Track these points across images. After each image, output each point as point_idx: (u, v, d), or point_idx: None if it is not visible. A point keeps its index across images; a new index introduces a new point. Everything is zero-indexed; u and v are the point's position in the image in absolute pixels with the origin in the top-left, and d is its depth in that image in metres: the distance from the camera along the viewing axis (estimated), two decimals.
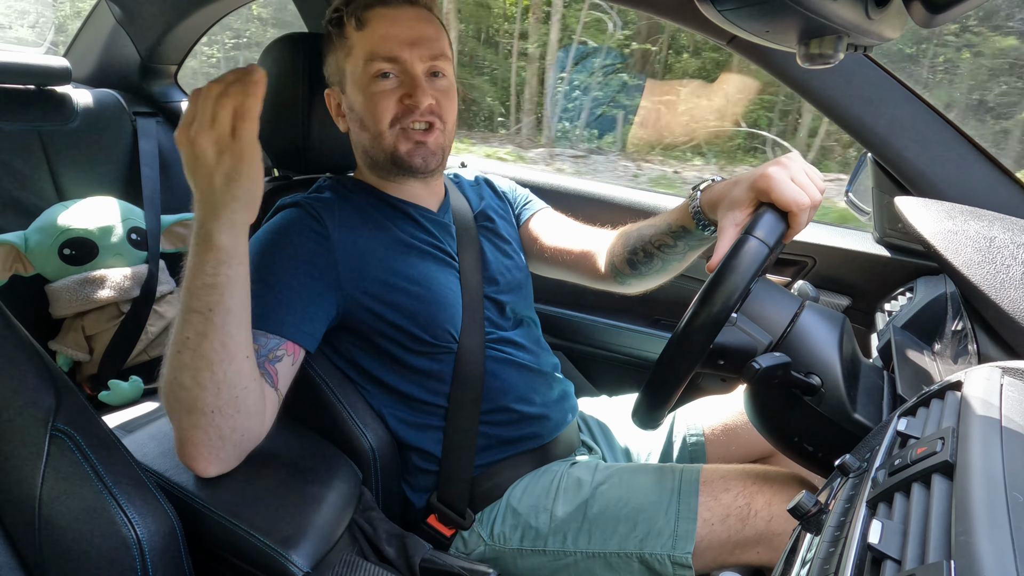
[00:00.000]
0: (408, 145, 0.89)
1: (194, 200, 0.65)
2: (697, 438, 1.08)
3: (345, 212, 0.90)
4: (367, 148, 0.92)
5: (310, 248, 0.84)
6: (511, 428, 0.95)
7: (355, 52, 0.88)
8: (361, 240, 0.88)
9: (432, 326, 0.90)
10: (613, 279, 1.02)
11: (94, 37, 1.78)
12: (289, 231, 0.85)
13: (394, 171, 0.92)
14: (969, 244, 0.79)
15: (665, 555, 0.83)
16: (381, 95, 0.87)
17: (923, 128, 1.05)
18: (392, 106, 0.87)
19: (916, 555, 0.35)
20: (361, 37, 0.87)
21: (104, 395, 1.38)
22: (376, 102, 0.87)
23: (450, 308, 0.91)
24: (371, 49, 0.86)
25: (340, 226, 0.87)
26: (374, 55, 0.86)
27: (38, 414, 0.63)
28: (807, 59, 0.65)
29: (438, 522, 0.92)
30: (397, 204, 0.95)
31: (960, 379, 0.50)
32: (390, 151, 0.89)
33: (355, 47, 0.88)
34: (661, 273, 0.98)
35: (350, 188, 0.95)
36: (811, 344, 0.76)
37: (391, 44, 0.86)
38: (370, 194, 0.95)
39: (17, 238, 1.37)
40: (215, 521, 0.74)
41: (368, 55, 0.86)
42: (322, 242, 0.85)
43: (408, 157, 0.89)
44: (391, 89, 0.87)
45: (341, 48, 0.90)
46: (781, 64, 1.06)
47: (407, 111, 0.87)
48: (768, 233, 0.71)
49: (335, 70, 0.92)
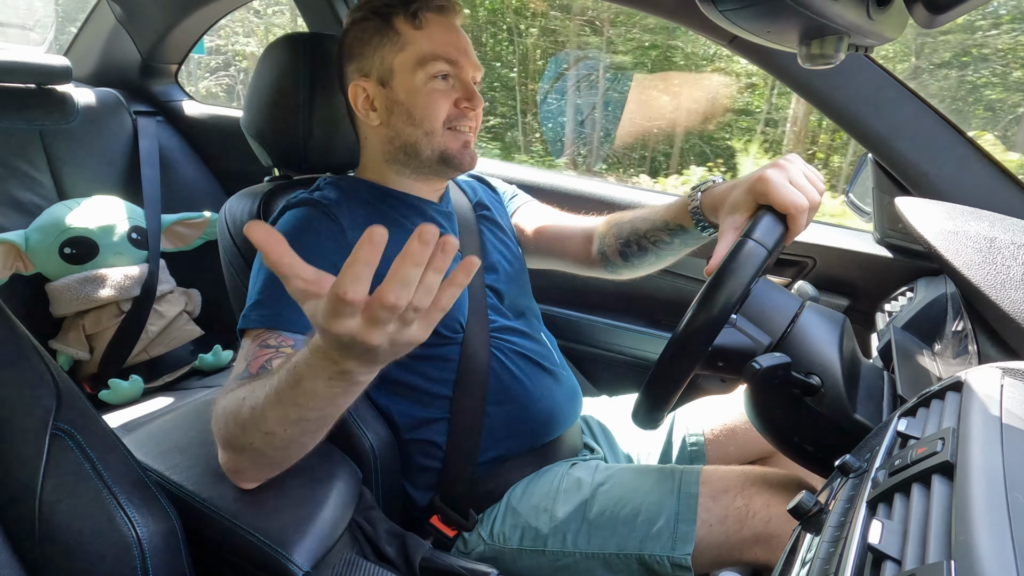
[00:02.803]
0: (458, 145, 0.92)
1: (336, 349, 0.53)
2: (697, 438, 1.08)
3: (354, 210, 0.90)
4: (412, 143, 0.92)
5: (331, 247, 0.85)
6: (516, 421, 0.95)
7: (410, 49, 0.89)
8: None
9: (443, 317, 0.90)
10: (603, 267, 1.04)
11: (95, 36, 1.78)
12: (308, 232, 0.85)
13: (436, 167, 0.94)
14: (969, 245, 0.79)
15: (664, 556, 0.83)
16: (439, 94, 0.90)
17: (923, 129, 1.05)
18: (447, 106, 0.90)
19: (916, 555, 0.35)
20: (420, 36, 0.89)
21: (104, 394, 1.38)
22: (434, 100, 0.89)
23: (459, 299, 0.92)
24: (432, 50, 0.89)
25: (352, 225, 0.88)
26: (436, 56, 0.89)
27: (38, 413, 0.63)
28: (808, 59, 0.65)
29: (441, 523, 0.92)
30: (402, 197, 0.96)
31: (960, 379, 0.50)
32: (440, 149, 0.92)
33: (410, 44, 0.89)
34: (654, 265, 1.01)
35: (353, 186, 0.95)
36: (811, 344, 0.76)
37: (452, 49, 0.89)
38: (373, 190, 0.95)
39: (18, 237, 1.37)
40: (215, 520, 0.74)
41: (428, 55, 0.88)
42: (340, 240, 0.86)
43: (458, 155, 0.92)
44: (446, 90, 0.90)
45: (389, 42, 0.90)
46: (782, 64, 1.06)
47: (461, 115, 0.91)
48: (766, 235, 0.71)
49: (377, 62, 0.91)
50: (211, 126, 1.81)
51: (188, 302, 1.60)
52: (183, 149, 1.79)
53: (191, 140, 1.82)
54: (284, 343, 0.77)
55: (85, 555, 0.62)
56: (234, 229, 0.95)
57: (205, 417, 0.95)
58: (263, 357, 0.75)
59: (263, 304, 0.80)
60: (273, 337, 0.77)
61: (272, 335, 0.77)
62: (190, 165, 1.79)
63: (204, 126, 1.82)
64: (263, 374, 0.70)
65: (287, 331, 0.78)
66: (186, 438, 0.88)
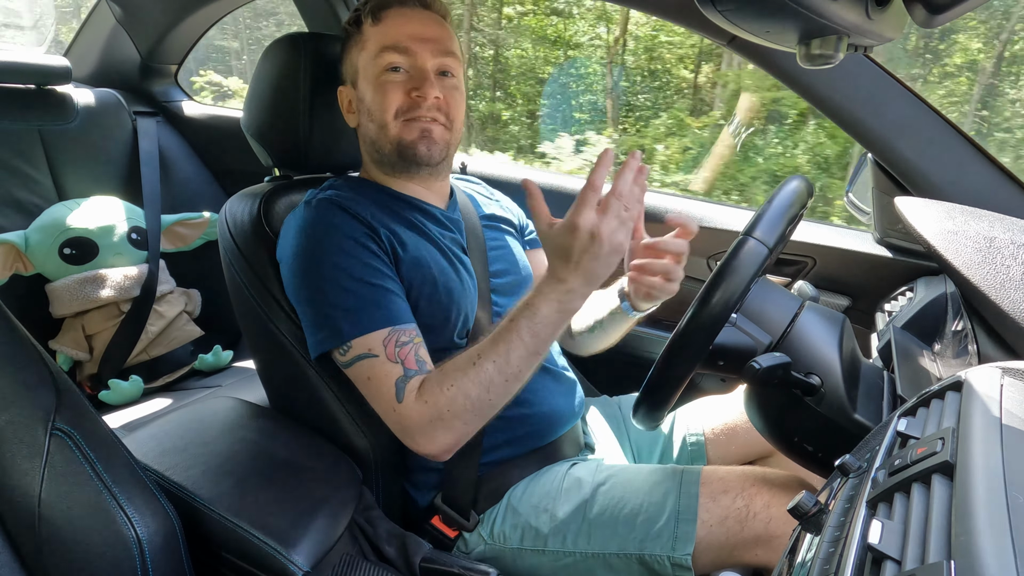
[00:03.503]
0: (413, 134, 0.90)
1: (565, 267, 0.73)
2: (697, 438, 1.08)
3: (368, 206, 0.90)
4: (374, 139, 0.92)
5: (369, 244, 0.85)
6: (517, 423, 0.95)
7: (368, 46, 0.90)
8: (393, 228, 0.89)
9: (449, 320, 0.90)
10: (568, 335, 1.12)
11: (94, 36, 1.78)
12: (344, 231, 0.85)
13: (399, 164, 0.92)
14: (969, 244, 0.79)
15: (665, 556, 0.83)
16: (390, 86, 0.89)
17: (923, 128, 1.05)
18: (399, 97, 0.89)
19: (916, 555, 0.35)
20: (375, 31, 0.90)
21: (104, 394, 1.38)
22: (385, 92, 0.89)
23: (466, 302, 0.92)
24: (383, 42, 0.89)
25: (372, 216, 0.88)
26: (386, 47, 0.88)
27: (38, 414, 0.63)
28: (807, 59, 0.65)
29: (442, 523, 0.92)
30: (408, 199, 0.95)
31: (960, 379, 0.50)
32: (395, 140, 0.90)
33: (368, 41, 0.90)
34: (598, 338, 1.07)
35: (362, 185, 0.95)
36: (811, 344, 0.76)
37: (403, 38, 0.89)
38: (381, 191, 0.95)
39: (17, 237, 1.37)
40: (215, 520, 0.74)
41: (380, 47, 0.89)
42: (372, 235, 0.86)
43: (413, 146, 0.90)
44: (400, 81, 0.89)
45: (356, 44, 0.92)
46: (781, 64, 1.06)
47: (414, 104, 0.89)
48: (767, 234, 0.71)
49: (349, 66, 0.94)
50: (211, 126, 1.81)
51: (188, 302, 1.60)
52: (183, 149, 1.79)
53: (191, 140, 1.82)
54: (413, 336, 0.83)
55: (85, 555, 0.62)
56: (234, 229, 0.95)
57: (205, 417, 0.95)
58: (409, 352, 0.82)
59: (358, 310, 0.82)
60: (402, 333, 0.82)
61: (399, 332, 0.82)
62: (190, 165, 1.79)
63: (204, 126, 1.82)
64: (422, 366, 0.82)
65: (403, 324, 0.83)
66: (186, 438, 0.88)
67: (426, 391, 0.79)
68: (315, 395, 0.92)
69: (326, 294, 0.82)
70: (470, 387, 0.78)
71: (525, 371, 0.78)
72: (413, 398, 0.79)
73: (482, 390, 0.77)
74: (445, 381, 0.79)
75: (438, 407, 0.78)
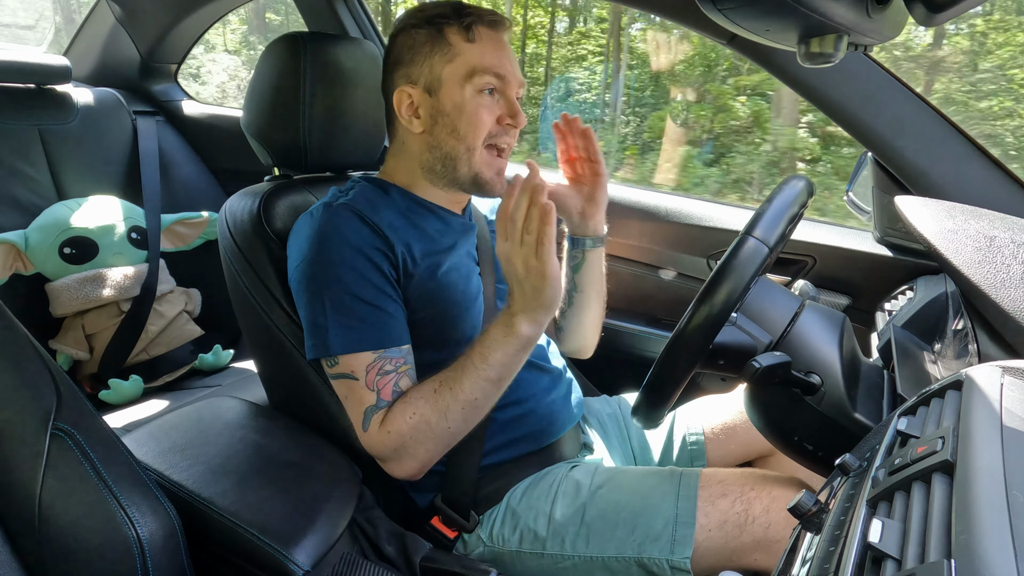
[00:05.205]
0: (492, 172, 0.92)
1: (509, 293, 0.79)
2: (697, 437, 1.08)
3: (389, 214, 0.90)
4: (448, 154, 0.91)
5: (379, 260, 0.86)
6: (517, 425, 0.95)
7: (459, 61, 0.88)
8: (409, 242, 0.89)
9: (459, 325, 0.91)
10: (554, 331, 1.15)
11: (94, 36, 1.78)
12: (354, 242, 0.85)
13: (467, 187, 0.94)
14: (969, 243, 0.78)
15: (663, 559, 0.83)
16: (484, 110, 0.89)
17: (923, 128, 1.05)
18: (491, 122, 0.90)
19: (916, 554, 0.35)
20: (470, 49, 0.88)
21: (104, 394, 1.38)
22: (479, 116, 0.89)
23: (476, 308, 0.93)
24: (482, 62, 0.88)
25: (390, 228, 0.88)
26: (485, 69, 0.88)
27: (38, 413, 0.63)
28: (807, 58, 0.65)
29: (442, 524, 0.92)
30: (429, 206, 0.95)
31: (960, 378, 0.50)
32: (476, 171, 0.91)
33: (460, 56, 0.88)
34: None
35: (385, 189, 0.95)
36: (811, 343, 0.76)
37: (501, 63, 0.89)
38: (405, 197, 0.95)
39: (17, 237, 1.37)
40: (216, 520, 0.74)
41: (478, 67, 0.88)
42: (385, 250, 0.86)
43: (490, 183, 0.93)
44: (491, 106, 0.90)
45: (441, 52, 0.89)
46: (781, 63, 1.06)
47: (502, 131, 0.91)
48: (768, 233, 0.71)
49: (428, 71, 0.90)
50: (211, 126, 1.81)
51: (188, 302, 1.60)
52: (183, 149, 1.79)
53: (191, 140, 1.82)
54: (399, 364, 0.85)
55: (85, 555, 0.62)
56: (234, 229, 0.95)
57: (205, 417, 0.95)
58: (389, 382, 0.84)
59: (351, 329, 0.82)
60: (388, 362, 0.84)
61: (385, 360, 0.84)
62: (190, 165, 1.79)
63: (204, 126, 1.82)
64: (397, 396, 0.84)
65: (394, 347, 0.84)
66: (186, 438, 0.88)
67: (389, 420, 0.82)
68: (315, 395, 0.92)
69: (324, 305, 0.83)
70: (431, 414, 0.81)
71: (482, 399, 0.81)
72: (377, 428, 0.83)
73: (440, 417, 0.81)
74: (408, 409, 0.82)
75: (401, 435, 0.82)
